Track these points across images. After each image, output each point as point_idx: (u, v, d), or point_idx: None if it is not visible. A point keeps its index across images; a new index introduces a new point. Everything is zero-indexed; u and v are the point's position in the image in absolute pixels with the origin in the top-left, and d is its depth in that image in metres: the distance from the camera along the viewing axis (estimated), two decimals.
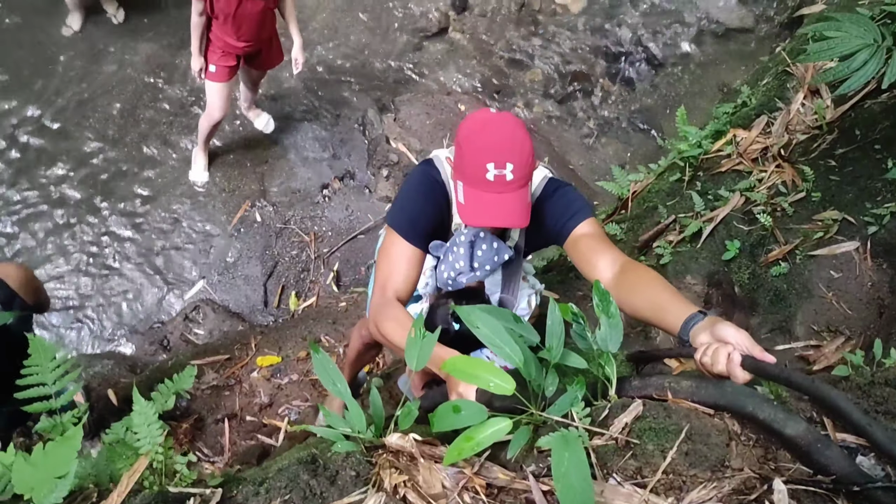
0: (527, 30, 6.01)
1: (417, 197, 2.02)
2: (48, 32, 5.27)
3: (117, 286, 4.65)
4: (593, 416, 1.45)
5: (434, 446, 1.51)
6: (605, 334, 1.50)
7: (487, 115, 1.86)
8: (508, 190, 1.78)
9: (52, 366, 1.50)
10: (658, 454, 1.38)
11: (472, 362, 1.43)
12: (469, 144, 1.81)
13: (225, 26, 4.13)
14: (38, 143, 4.91)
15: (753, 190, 2.75)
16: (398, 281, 1.95)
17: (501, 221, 1.82)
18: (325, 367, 1.51)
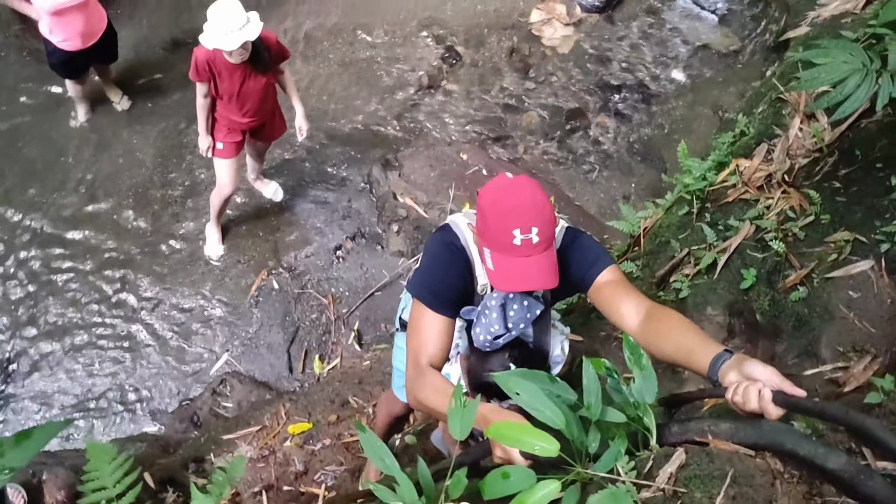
0: (519, 75, 6.15)
1: (438, 266, 2.07)
2: (57, 127, 5.44)
3: (143, 369, 4.71)
4: (638, 469, 1.49)
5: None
6: (640, 386, 1.55)
7: (506, 182, 1.91)
8: (536, 252, 1.84)
9: None
10: (706, 501, 1.41)
11: (516, 427, 1.47)
12: (493, 212, 1.86)
13: (229, 105, 4.27)
14: (54, 232, 5.03)
15: (762, 217, 2.81)
16: (431, 351, 1.98)
17: (533, 285, 1.88)
18: (372, 445, 1.55)
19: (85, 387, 4.60)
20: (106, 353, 4.73)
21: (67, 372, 4.65)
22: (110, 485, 1.53)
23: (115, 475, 1.54)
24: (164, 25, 5.99)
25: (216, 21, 3.75)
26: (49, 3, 4.42)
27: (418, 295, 2.04)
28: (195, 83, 4.20)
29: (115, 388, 4.67)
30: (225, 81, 4.10)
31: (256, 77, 4.12)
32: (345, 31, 6.17)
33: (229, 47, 3.76)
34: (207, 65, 4.01)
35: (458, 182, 5.33)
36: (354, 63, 6.03)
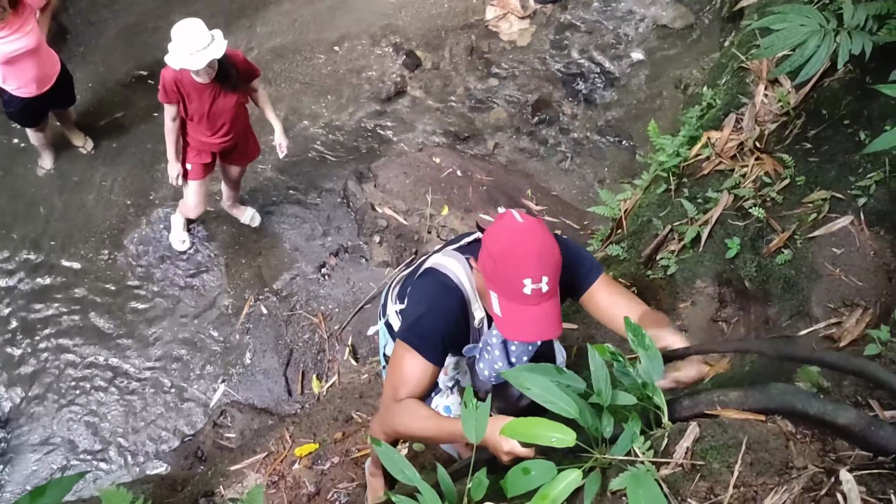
0: (481, 72, 6.17)
1: (432, 312, 2.02)
2: (23, 177, 5.36)
3: (140, 410, 4.65)
4: (654, 447, 1.51)
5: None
6: (646, 367, 1.57)
7: (517, 226, 1.85)
8: (544, 300, 1.82)
9: None
10: (725, 471, 1.44)
11: (529, 423, 1.49)
12: (504, 259, 1.81)
13: (200, 125, 4.24)
14: (35, 284, 4.95)
15: (739, 186, 2.85)
16: (411, 390, 1.96)
17: (541, 335, 1.88)
18: (390, 458, 1.56)
19: (83, 435, 4.54)
20: (101, 398, 4.67)
21: (64, 422, 4.58)
22: None
23: None
24: (119, 63, 5.93)
25: (181, 41, 3.73)
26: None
27: (411, 341, 1.99)
28: (164, 109, 4.18)
29: (114, 432, 4.61)
30: (194, 101, 4.08)
31: (226, 96, 4.10)
32: (303, 48, 6.15)
33: (196, 66, 3.74)
34: (175, 85, 3.99)
35: (434, 186, 5.34)
36: (317, 79, 6.02)
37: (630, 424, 1.51)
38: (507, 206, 5.32)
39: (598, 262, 2.14)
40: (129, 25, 6.12)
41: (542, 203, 5.56)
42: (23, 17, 4.32)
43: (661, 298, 3.06)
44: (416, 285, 2.14)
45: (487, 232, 1.90)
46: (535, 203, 5.51)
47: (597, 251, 3.62)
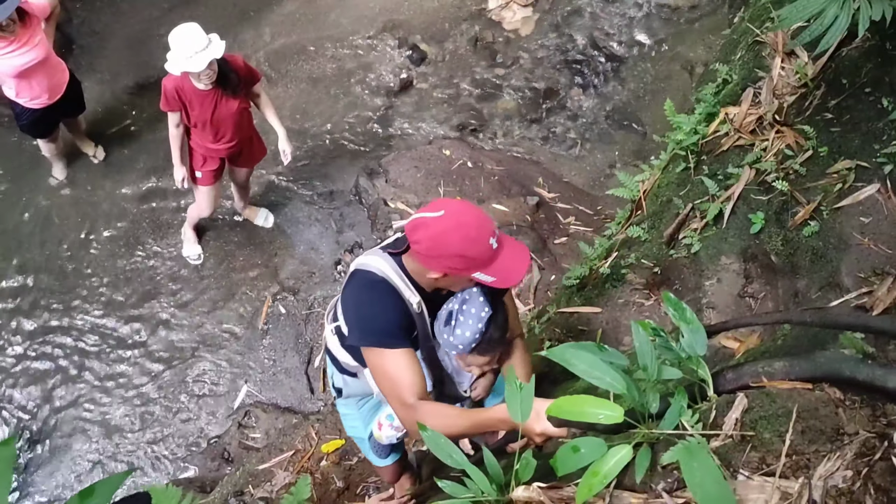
0: (486, 63, 6.16)
1: (373, 307, 2.08)
2: (37, 188, 5.38)
3: (164, 415, 4.66)
4: (703, 420, 1.50)
5: (559, 489, 1.55)
6: (689, 340, 1.56)
7: (448, 219, 1.94)
8: (504, 240, 2.02)
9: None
10: (776, 440, 1.43)
11: (576, 400, 1.48)
12: (468, 245, 1.93)
13: (203, 132, 4.25)
14: (55, 294, 4.97)
15: (761, 160, 2.83)
16: (410, 385, 2.01)
17: (525, 261, 2.04)
18: (437, 442, 1.56)
19: (110, 441, 4.55)
20: (125, 404, 4.68)
21: (90, 430, 4.60)
22: None
23: None
24: (125, 71, 5.94)
25: (179, 46, 3.74)
26: (10, 67, 4.36)
27: (372, 341, 2.05)
28: (167, 115, 4.19)
29: (140, 438, 4.62)
30: (196, 109, 4.08)
31: (228, 101, 4.10)
32: (307, 48, 6.15)
33: (197, 68, 3.74)
34: (177, 93, 4.00)
35: (445, 178, 5.34)
36: (322, 78, 6.01)
37: (677, 398, 1.50)
38: (520, 194, 5.33)
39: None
40: (134, 34, 6.13)
41: (554, 190, 5.54)
42: (31, 30, 4.34)
43: (685, 277, 3.05)
44: (346, 293, 2.18)
45: (428, 248, 1.96)
46: (546, 190, 5.50)
47: (615, 234, 3.61)
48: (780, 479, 1.38)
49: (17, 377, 4.71)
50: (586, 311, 3.38)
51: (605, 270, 3.30)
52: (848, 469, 1.38)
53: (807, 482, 1.37)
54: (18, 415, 4.62)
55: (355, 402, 2.69)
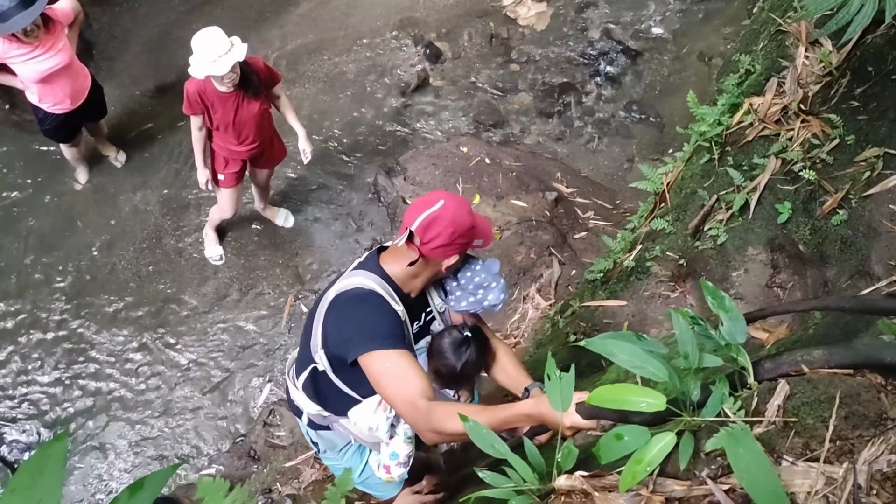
0: (502, 59, 6.16)
1: (371, 313, 2.10)
2: (60, 193, 5.43)
3: (189, 414, 4.70)
4: (745, 407, 1.51)
5: (601, 478, 1.57)
6: (729, 328, 1.57)
7: (451, 200, 2.10)
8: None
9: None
10: (819, 425, 1.43)
11: (617, 389, 1.49)
12: (472, 214, 2.13)
13: (226, 135, 4.28)
14: (79, 298, 5.02)
15: (787, 150, 2.83)
16: (418, 385, 1.98)
17: (482, 216, 2.26)
18: (479, 434, 1.57)
19: (138, 444, 4.60)
20: (150, 405, 4.73)
21: (117, 433, 4.64)
22: None
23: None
24: (145, 75, 5.99)
25: (202, 50, 3.77)
26: (34, 73, 4.41)
27: (374, 347, 2.03)
28: (189, 119, 4.22)
29: (165, 437, 4.67)
30: (218, 111, 4.12)
31: (249, 103, 4.13)
32: (324, 48, 6.18)
33: (220, 72, 3.77)
34: (199, 97, 4.03)
35: (463, 175, 5.35)
36: (339, 77, 6.04)
37: (718, 386, 1.51)
38: (538, 190, 5.33)
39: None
40: (152, 38, 6.18)
41: (573, 185, 5.55)
42: (54, 35, 4.38)
43: (711, 269, 3.05)
44: (332, 316, 2.16)
45: (447, 235, 2.07)
46: (565, 185, 5.50)
47: (638, 227, 3.61)
48: (825, 464, 1.39)
49: (44, 378, 4.76)
50: (611, 305, 3.38)
51: (630, 263, 3.30)
52: (892, 453, 1.38)
53: (851, 467, 1.37)
54: (45, 416, 4.67)
55: (336, 453, 2.67)
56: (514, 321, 4.73)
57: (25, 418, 4.67)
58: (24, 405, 4.70)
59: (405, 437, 2.40)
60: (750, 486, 1.29)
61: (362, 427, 2.36)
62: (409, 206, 2.13)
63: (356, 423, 2.36)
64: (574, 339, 3.43)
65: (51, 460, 1.53)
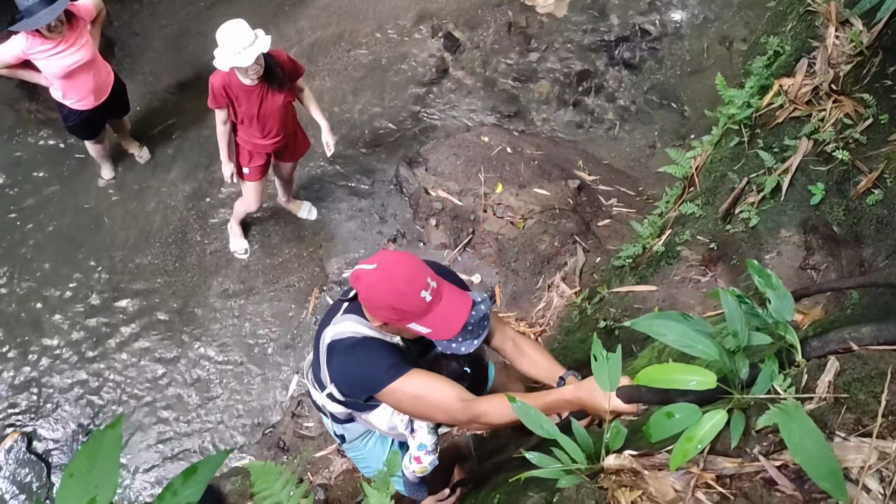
0: (521, 48, 6.15)
1: (368, 356, 2.17)
2: (85, 190, 5.49)
3: (218, 406, 4.75)
4: (795, 384, 1.51)
5: (650, 456, 1.57)
6: (777, 305, 1.56)
7: (380, 272, 2.02)
8: (443, 292, 2.05)
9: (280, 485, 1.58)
10: (871, 401, 1.43)
11: (666, 368, 1.50)
12: (398, 299, 1.99)
13: (250, 128, 4.30)
14: (108, 294, 5.08)
15: (819, 131, 2.80)
16: (447, 395, 2.08)
17: (463, 315, 2.05)
18: (527, 413, 1.58)
19: (167, 437, 4.65)
20: (179, 397, 4.78)
21: (149, 426, 4.70)
22: (284, 499, 1.57)
23: (286, 490, 1.58)
24: (166, 71, 6.04)
25: (227, 42, 3.79)
26: (58, 68, 4.46)
27: (384, 382, 2.10)
28: (214, 112, 4.25)
29: (195, 429, 4.72)
30: (243, 104, 4.14)
31: (274, 95, 4.15)
32: (343, 40, 6.19)
33: (245, 63, 3.79)
34: (224, 90, 4.05)
35: (485, 165, 5.35)
36: (359, 69, 6.05)
37: (767, 363, 1.51)
38: (561, 178, 5.32)
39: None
40: (173, 33, 6.22)
41: (595, 173, 5.53)
42: (77, 31, 4.42)
43: (743, 252, 3.03)
44: (334, 366, 2.25)
45: (364, 298, 2.07)
46: (587, 173, 5.49)
47: (667, 212, 3.59)
48: (878, 439, 1.38)
49: (73, 373, 4.83)
50: (641, 290, 3.38)
51: (660, 248, 3.30)
52: None
53: None
54: (75, 411, 4.73)
55: (360, 442, 2.74)
56: (539, 309, 4.73)
57: (55, 413, 4.74)
58: (53, 401, 4.77)
59: (428, 428, 2.46)
60: (804, 461, 1.30)
61: (382, 428, 2.48)
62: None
63: (376, 424, 2.49)
64: (604, 325, 3.43)
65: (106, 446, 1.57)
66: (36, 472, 4.58)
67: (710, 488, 1.47)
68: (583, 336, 3.85)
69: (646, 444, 1.58)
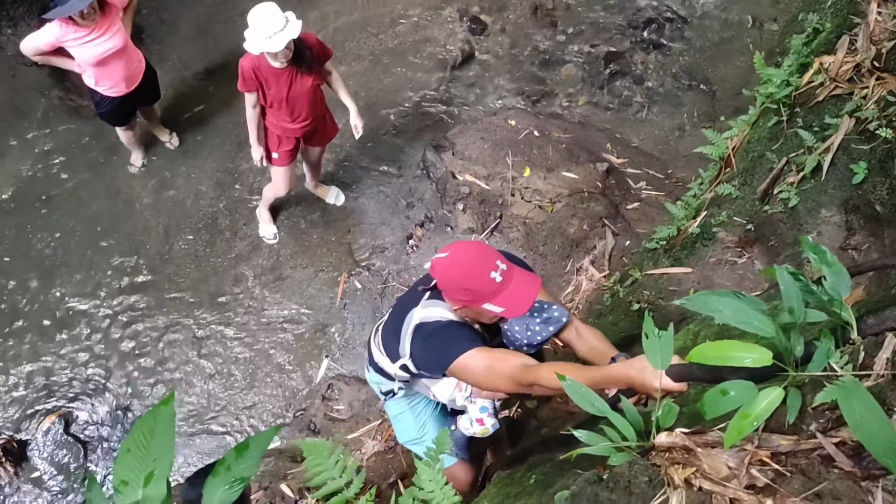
0: (548, 30, 6.10)
1: (448, 333, 2.34)
2: (117, 177, 5.55)
3: (250, 389, 4.81)
4: (852, 361, 1.50)
5: (702, 434, 1.57)
6: (833, 282, 1.55)
7: (451, 259, 2.25)
8: (514, 273, 2.23)
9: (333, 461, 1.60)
10: None
11: (721, 345, 1.49)
12: (470, 281, 2.20)
13: (279, 112, 4.32)
14: (140, 278, 5.14)
15: (861, 109, 2.76)
16: (510, 365, 2.18)
17: (531, 295, 2.22)
18: (577, 391, 1.59)
19: (200, 419, 4.71)
20: (212, 380, 4.84)
21: (179, 409, 4.74)
22: (337, 475, 1.59)
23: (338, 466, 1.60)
24: (194, 58, 6.06)
25: (258, 26, 3.80)
26: (90, 56, 4.49)
27: (457, 353, 2.24)
28: (242, 98, 4.27)
29: (228, 412, 4.78)
30: (272, 87, 4.15)
31: (302, 79, 4.16)
32: (369, 24, 6.18)
33: (276, 48, 3.80)
34: (254, 73, 4.06)
35: (513, 148, 5.33)
36: (385, 54, 6.04)
37: (824, 341, 1.49)
38: (589, 161, 5.29)
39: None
40: (200, 21, 6.24)
41: (623, 156, 5.49)
42: (110, 19, 4.45)
43: (781, 233, 3.01)
44: (417, 341, 2.42)
45: (441, 284, 2.30)
46: (616, 156, 5.45)
47: (702, 194, 3.56)
48: None
49: (107, 359, 4.89)
50: (676, 272, 3.36)
51: (695, 230, 3.27)
52: None
53: None
54: (110, 394, 4.80)
55: (406, 400, 2.88)
56: (567, 293, 4.72)
57: (91, 396, 4.82)
58: (89, 385, 4.84)
59: None
60: (865, 438, 1.29)
61: (442, 398, 2.64)
62: None
63: (436, 394, 2.64)
64: (638, 307, 3.42)
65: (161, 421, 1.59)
66: (73, 453, 4.66)
67: (764, 465, 1.47)
68: (614, 319, 3.84)
69: (690, 423, 1.57)
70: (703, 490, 1.45)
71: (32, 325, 4.97)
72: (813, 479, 1.40)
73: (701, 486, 1.46)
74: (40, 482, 4.58)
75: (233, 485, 1.56)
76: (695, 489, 1.45)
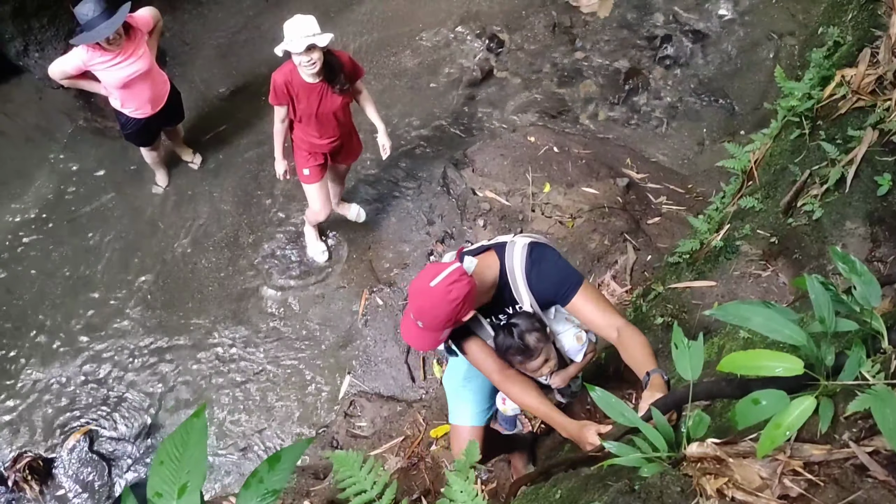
0: (566, 47, 6.14)
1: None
2: (141, 197, 5.63)
3: (273, 405, 4.82)
4: (884, 370, 1.49)
5: (733, 444, 1.57)
6: (863, 292, 1.54)
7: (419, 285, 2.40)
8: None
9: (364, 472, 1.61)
10: None
11: (750, 355, 1.49)
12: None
13: (308, 127, 4.37)
14: (164, 297, 5.20)
15: (884, 121, 2.76)
16: (494, 364, 2.48)
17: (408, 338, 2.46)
18: (607, 402, 1.59)
19: (222, 435, 4.74)
20: (234, 397, 4.86)
21: None
22: (368, 486, 1.60)
23: (370, 476, 1.61)
24: (217, 78, 6.16)
25: (290, 29, 3.90)
26: (116, 79, 4.59)
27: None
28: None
29: (251, 428, 4.79)
30: (303, 102, 4.21)
31: (333, 96, 4.22)
32: (389, 44, 6.26)
33: (296, 49, 3.86)
34: (285, 87, 4.13)
35: (532, 165, 5.36)
36: (404, 72, 6.11)
37: (855, 350, 1.49)
38: (609, 176, 5.30)
39: (581, 276, 2.50)
40: (222, 42, 6.35)
41: (643, 171, 5.50)
42: (135, 42, 4.55)
43: (805, 246, 3.00)
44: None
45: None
46: (635, 171, 5.46)
47: (724, 207, 3.56)
48: None
49: (130, 375, 4.93)
50: (699, 286, 3.35)
51: (718, 243, 3.27)
52: None
53: None
54: (133, 412, 4.84)
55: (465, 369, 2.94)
56: None
57: (116, 413, 4.86)
58: (113, 401, 4.89)
59: None
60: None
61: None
62: None
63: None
64: (661, 321, 3.41)
65: (194, 433, 1.61)
66: (98, 470, 4.69)
67: (797, 475, 1.46)
68: None
69: (719, 433, 1.57)
70: (735, 500, 1.45)
71: (57, 341, 5.04)
72: (847, 488, 1.39)
73: (734, 497, 1.45)
74: (65, 500, 4.61)
75: (265, 497, 1.57)
76: (727, 499, 1.44)
